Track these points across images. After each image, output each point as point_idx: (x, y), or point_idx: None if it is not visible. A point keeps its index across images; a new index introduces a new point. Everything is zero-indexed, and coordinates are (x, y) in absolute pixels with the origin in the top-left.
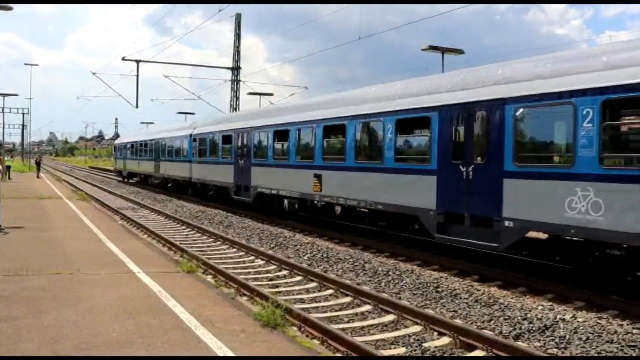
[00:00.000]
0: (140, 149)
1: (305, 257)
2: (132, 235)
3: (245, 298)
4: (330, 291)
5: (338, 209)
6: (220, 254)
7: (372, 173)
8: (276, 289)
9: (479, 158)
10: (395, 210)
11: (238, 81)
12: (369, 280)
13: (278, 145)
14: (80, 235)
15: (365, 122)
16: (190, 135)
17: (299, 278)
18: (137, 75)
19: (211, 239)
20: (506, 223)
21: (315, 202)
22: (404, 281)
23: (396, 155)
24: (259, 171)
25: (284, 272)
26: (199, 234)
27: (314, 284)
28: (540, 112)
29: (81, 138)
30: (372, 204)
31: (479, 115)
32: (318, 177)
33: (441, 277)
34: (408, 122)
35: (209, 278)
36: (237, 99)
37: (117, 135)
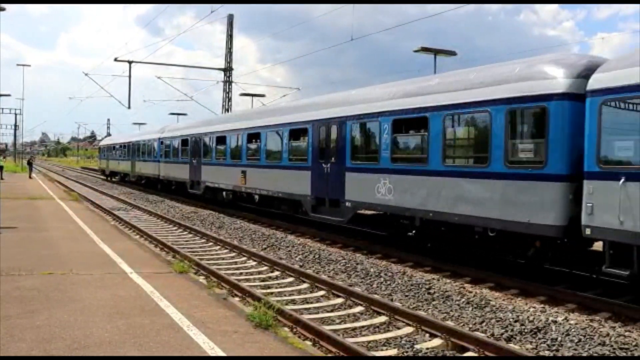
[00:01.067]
0: (120, 151)
1: (297, 259)
2: (124, 236)
3: (237, 299)
4: (322, 292)
5: (256, 197)
6: (213, 254)
7: (274, 169)
8: (268, 290)
9: (333, 158)
10: (289, 197)
11: (230, 82)
12: (361, 282)
13: (220, 148)
14: (73, 236)
15: (272, 131)
16: (159, 139)
17: (291, 279)
18: (130, 76)
19: (203, 240)
20: (347, 204)
21: (242, 192)
22: (395, 282)
23: (289, 156)
24: (206, 169)
25: (276, 273)
26: (191, 235)
27: (306, 285)
28: (363, 125)
29: (73, 139)
30: (276, 192)
31: (334, 128)
32: (244, 173)
33: (433, 278)
34: (296, 131)
35: (201, 279)
36: (230, 100)
37: (108, 135)
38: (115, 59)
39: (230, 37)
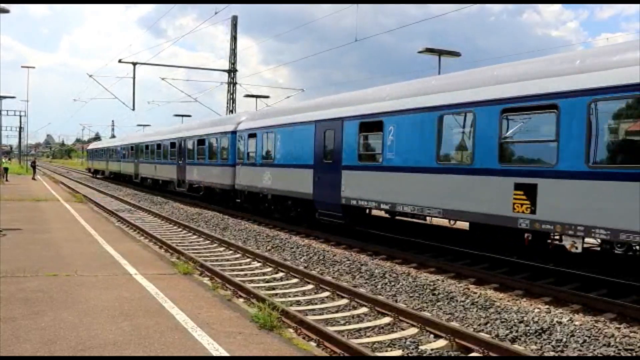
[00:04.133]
0: (104, 153)
1: (301, 260)
2: (128, 237)
3: (242, 300)
4: (326, 293)
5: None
6: (217, 256)
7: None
8: (273, 291)
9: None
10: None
11: (234, 83)
12: (366, 283)
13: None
14: (77, 237)
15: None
16: (136, 143)
17: (295, 280)
18: (134, 78)
19: (208, 241)
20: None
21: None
22: (400, 283)
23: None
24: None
25: (281, 274)
26: (195, 236)
27: (310, 286)
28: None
29: (78, 140)
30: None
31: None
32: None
33: (438, 279)
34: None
35: (206, 280)
36: (234, 101)
37: (113, 137)
38: (120, 61)
39: (234, 38)
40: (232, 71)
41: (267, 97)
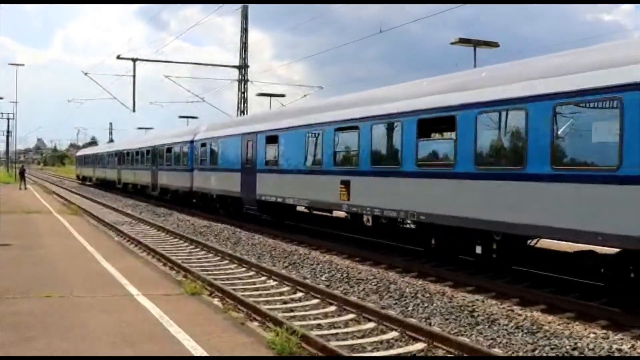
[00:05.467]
0: (91, 160)
1: (322, 278)
2: (129, 253)
3: (256, 323)
4: (351, 315)
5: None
6: (228, 273)
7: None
8: (291, 314)
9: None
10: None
11: (246, 81)
12: (395, 304)
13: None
14: (73, 254)
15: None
16: (119, 150)
17: (316, 301)
18: (134, 76)
19: (217, 257)
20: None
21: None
22: (434, 304)
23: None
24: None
25: (299, 294)
26: (203, 252)
27: (332, 308)
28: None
29: (72, 145)
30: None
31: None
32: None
33: (477, 299)
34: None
35: (216, 301)
36: (245, 100)
37: (111, 141)
38: (118, 57)
39: (245, 31)
40: (243, 67)
41: (282, 95)
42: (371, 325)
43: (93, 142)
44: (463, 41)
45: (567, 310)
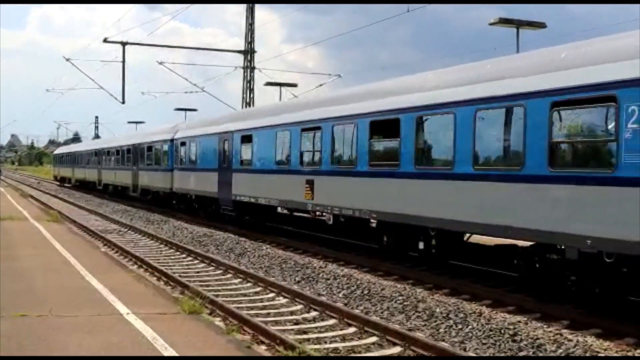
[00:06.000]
0: (70, 159)
1: (340, 295)
2: (118, 266)
3: (264, 347)
4: (373, 339)
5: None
6: (232, 290)
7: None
8: (303, 336)
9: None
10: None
11: (252, 68)
12: (424, 325)
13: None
14: (52, 267)
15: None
16: (99, 149)
17: (332, 321)
18: (124, 62)
19: (219, 271)
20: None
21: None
22: (469, 326)
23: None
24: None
25: (313, 313)
26: (203, 264)
27: (352, 330)
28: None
29: (52, 142)
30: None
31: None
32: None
33: (519, 321)
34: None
35: (218, 321)
36: (251, 90)
37: (97, 137)
38: (105, 40)
39: (251, 10)
40: (248, 52)
41: (294, 85)
42: (397, 349)
43: (76, 139)
44: (504, 21)
45: (626, 335)
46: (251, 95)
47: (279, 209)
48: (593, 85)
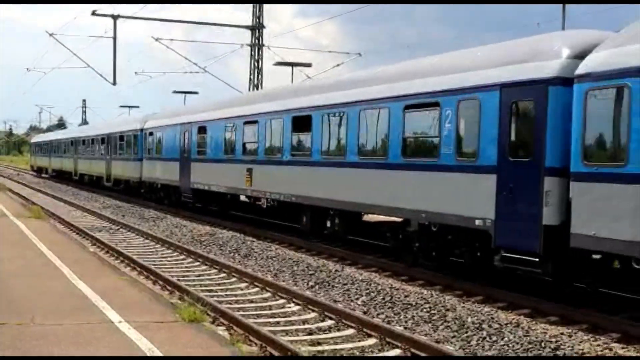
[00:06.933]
0: (47, 148)
1: (359, 302)
2: (109, 269)
3: None
4: (396, 352)
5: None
6: (237, 295)
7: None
8: (317, 347)
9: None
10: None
11: (260, 46)
12: (454, 337)
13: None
14: (35, 270)
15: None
16: (75, 137)
17: (350, 331)
18: (115, 38)
19: (223, 274)
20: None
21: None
22: (505, 339)
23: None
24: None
25: (329, 322)
26: (205, 266)
27: (372, 341)
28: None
29: (33, 128)
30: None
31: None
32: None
33: (562, 334)
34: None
35: (221, 330)
36: (259, 71)
37: (85, 123)
38: (94, 13)
39: None
40: (257, 28)
41: (308, 65)
42: None
43: (61, 124)
44: None
45: None
46: (259, 77)
47: (242, 197)
48: (427, 93)
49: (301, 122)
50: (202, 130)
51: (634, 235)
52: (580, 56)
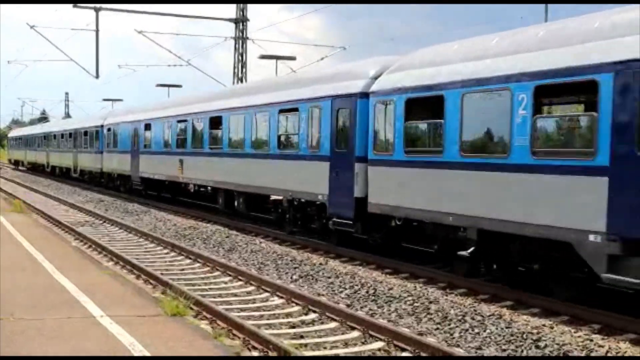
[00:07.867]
0: (22, 142)
1: (342, 295)
2: (92, 263)
3: (256, 353)
4: (379, 344)
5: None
6: (220, 289)
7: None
8: (301, 340)
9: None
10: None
11: (244, 39)
12: (436, 329)
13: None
14: (15, 264)
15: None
16: (47, 132)
17: (333, 324)
18: (97, 30)
19: (207, 268)
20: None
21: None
22: (487, 331)
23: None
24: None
25: (312, 315)
26: (188, 260)
27: (355, 334)
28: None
29: (15, 122)
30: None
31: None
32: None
33: (544, 325)
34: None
35: (204, 324)
36: (243, 64)
37: (68, 116)
38: (75, 4)
39: None
40: (240, 21)
41: (292, 58)
42: (404, 355)
43: (43, 118)
44: None
45: None
46: (243, 70)
47: (183, 185)
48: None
49: (217, 122)
50: (147, 127)
51: (397, 202)
52: (377, 77)
